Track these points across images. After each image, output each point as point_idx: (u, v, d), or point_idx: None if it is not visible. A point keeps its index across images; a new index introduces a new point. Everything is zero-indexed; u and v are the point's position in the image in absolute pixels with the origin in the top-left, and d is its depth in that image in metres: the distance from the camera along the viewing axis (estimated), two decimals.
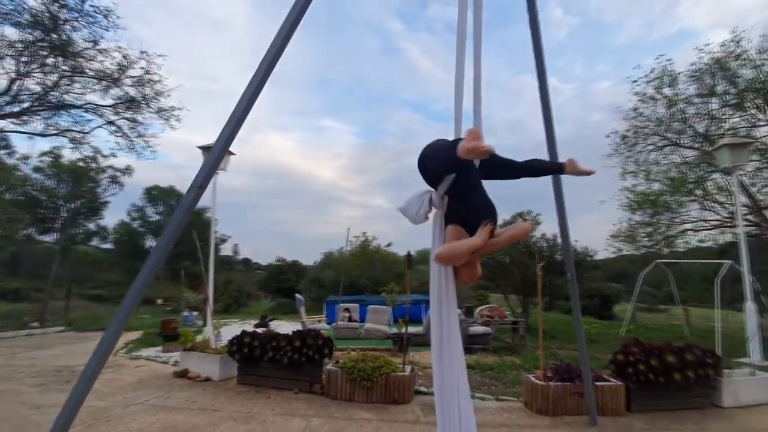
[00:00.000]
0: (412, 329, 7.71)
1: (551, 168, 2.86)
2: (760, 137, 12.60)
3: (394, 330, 9.43)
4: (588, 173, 2.54)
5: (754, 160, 12.40)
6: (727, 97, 12.74)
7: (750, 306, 6.98)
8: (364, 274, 20.72)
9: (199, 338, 6.53)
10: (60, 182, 15.17)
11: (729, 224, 13.09)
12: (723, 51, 12.27)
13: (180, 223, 2.40)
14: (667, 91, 13.44)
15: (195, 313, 13.74)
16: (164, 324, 9.42)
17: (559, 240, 12.51)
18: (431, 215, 2.42)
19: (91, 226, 20.13)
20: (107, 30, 8.59)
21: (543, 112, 3.73)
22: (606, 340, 10.31)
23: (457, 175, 2.26)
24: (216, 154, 2.46)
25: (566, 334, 10.58)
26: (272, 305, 25.51)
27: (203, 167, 2.46)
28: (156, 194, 49.08)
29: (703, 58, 12.61)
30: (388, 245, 23.80)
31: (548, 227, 13.21)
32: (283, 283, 31.47)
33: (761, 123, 12.56)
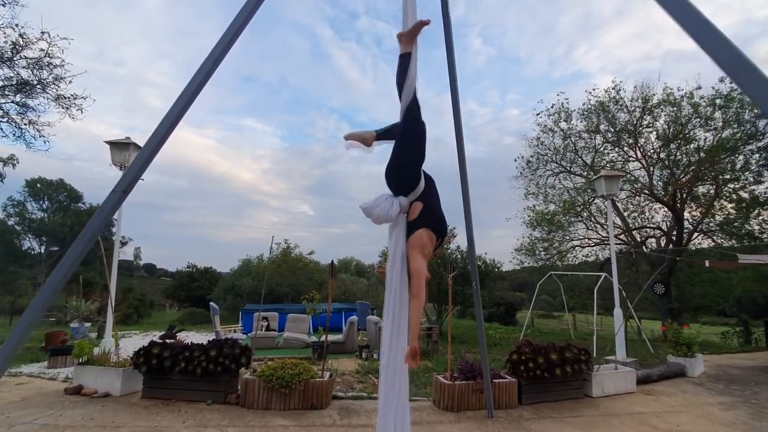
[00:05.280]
0: (332, 337, 7.83)
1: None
2: (631, 170, 15.12)
3: (314, 339, 9.46)
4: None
5: (626, 190, 14.81)
6: (608, 135, 15.11)
7: (617, 311, 8.32)
8: (285, 282, 20.26)
9: (96, 351, 5.95)
10: None
11: (607, 242, 15.38)
12: (606, 96, 14.57)
13: (98, 228, 2.33)
14: (563, 125, 15.51)
15: (87, 325, 12.26)
16: (50, 337, 8.38)
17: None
18: (396, 217, 2.52)
19: None
20: (3, 5, 7.50)
21: (456, 132, 4.25)
22: (507, 343, 11.41)
23: (427, 185, 2.57)
24: (144, 158, 2.43)
25: (475, 339, 11.50)
26: (181, 315, 23.61)
27: (129, 171, 2.41)
28: (41, 188, 42.57)
29: (591, 100, 14.84)
30: (311, 253, 23.62)
31: (463, 240, 14.30)
32: (195, 291, 29.34)
33: (631, 159, 15.08)
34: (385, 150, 2.85)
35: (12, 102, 8.59)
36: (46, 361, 7.34)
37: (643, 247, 15.66)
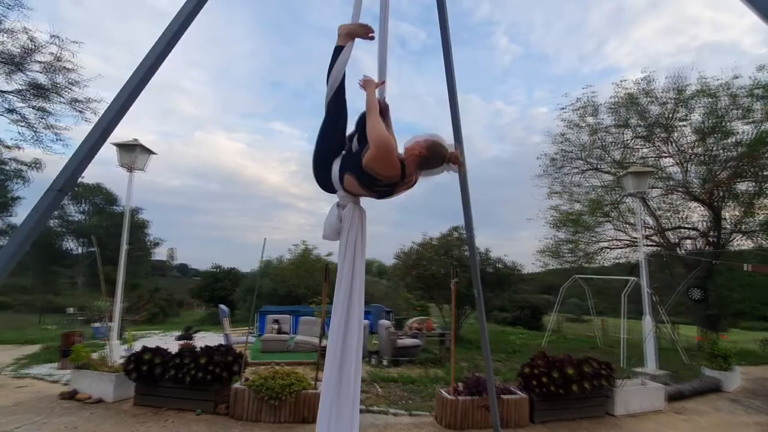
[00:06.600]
0: None
1: None
2: (664, 167, 14.12)
3: (326, 342, 9.23)
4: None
5: (659, 188, 13.85)
6: (639, 129, 14.16)
7: (646, 319, 7.66)
8: (303, 283, 20.21)
9: (96, 354, 5.90)
10: None
11: (637, 244, 14.42)
12: (636, 87, 13.65)
13: (31, 230, 2.11)
14: (590, 119, 14.66)
15: (109, 324, 12.49)
16: (66, 337, 8.50)
17: (491, 254, 12.99)
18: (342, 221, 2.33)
19: None
20: (9, 8, 7.66)
21: (454, 132, 3.84)
22: (528, 350, 10.82)
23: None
24: (83, 153, 2.18)
25: (495, 344, 10.96)
26: (205, 315, 24.02)
27: (66, 167, 2.17)
28: (79, 191, 44.73)
29: (619, 93, 13.94)
30: (328, 255, 23.49)
31: (480, 241, 13.73)
32: (218, 291, 29.89)
33: (665, 154, 14.08)
34: None
35: (30, 107, 8.81)
36: (58, 362, 7.41)
37: (678, 249, 14.60)
